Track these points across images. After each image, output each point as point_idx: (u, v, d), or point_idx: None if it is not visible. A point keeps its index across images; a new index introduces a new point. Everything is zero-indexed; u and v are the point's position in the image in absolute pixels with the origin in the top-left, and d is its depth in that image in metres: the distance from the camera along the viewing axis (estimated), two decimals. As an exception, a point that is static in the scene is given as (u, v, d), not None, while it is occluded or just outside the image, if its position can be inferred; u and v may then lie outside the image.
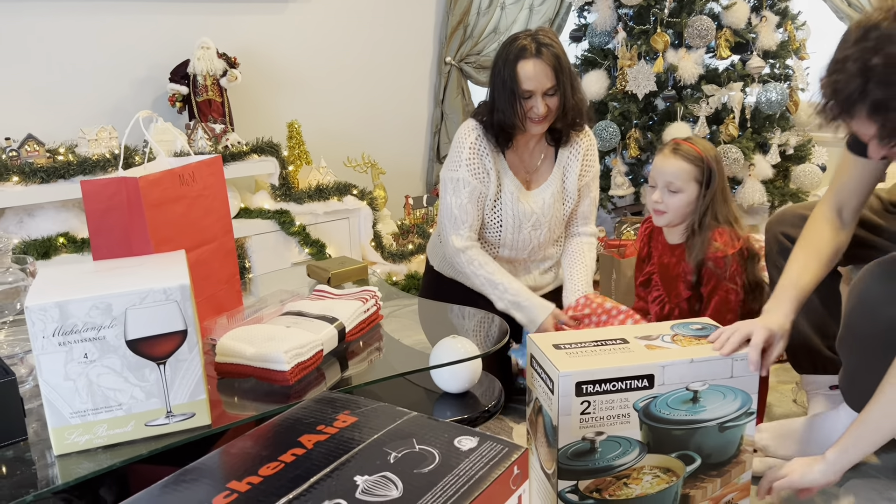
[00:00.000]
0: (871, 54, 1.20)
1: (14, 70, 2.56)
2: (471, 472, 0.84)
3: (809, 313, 1.76)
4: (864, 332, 1.47)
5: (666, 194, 1.80)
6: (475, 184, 1.95)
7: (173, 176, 1.37)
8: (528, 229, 2.02)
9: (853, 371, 1.53)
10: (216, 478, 0.86)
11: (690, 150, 1.80)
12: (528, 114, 1.89)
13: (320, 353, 1.31)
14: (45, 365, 1.01)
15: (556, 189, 2.04)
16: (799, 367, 1.81)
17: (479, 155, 1.95)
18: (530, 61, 1.85)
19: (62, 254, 2.32)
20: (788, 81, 3.08)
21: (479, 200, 1.97)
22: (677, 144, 1.82)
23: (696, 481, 1.38)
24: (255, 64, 3.04)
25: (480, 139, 1.96)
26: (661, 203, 1.81)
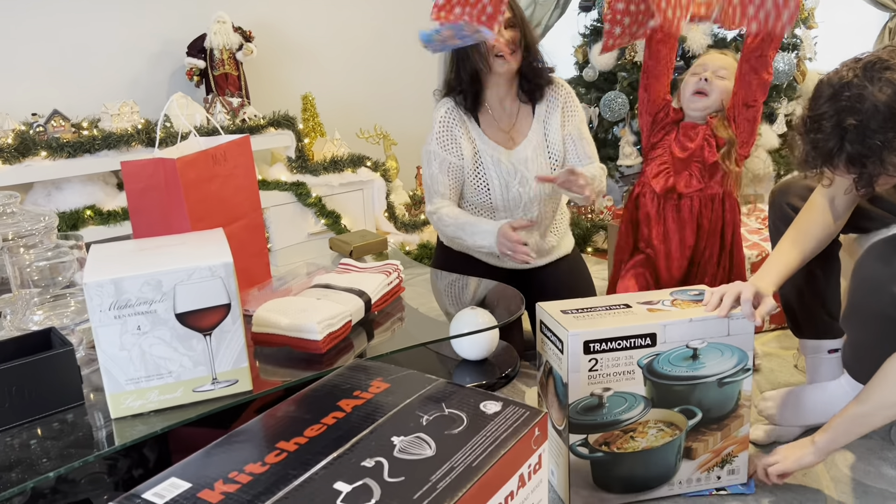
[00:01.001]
0: (845, 114, 1.32)
1: (36, 46, 2.61)
2: (497, 434, 0.93)
3: (809, 280, 1.83)
4: (869, 310, 1.54)
5: (715, 78, 1.95)
6: (444, 155, 2.04)
7: (207, 156, 1.44)
8: (515, 187, 2.07)
9: (858, 346, 1.59)
10: (265, 438, 0.95)
11: (734, 55, 2.03)
12: (493, 50, 1.93)
13: (349, 324, 1.40)
14: (102, 336, 1.10)
15: (537, 143, 2.09)
16: (799, 332, 1.89)
17: (447, 127, 2.05)
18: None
19: (90, 226, 2.41)
20: (796, 51, 3.11)
21: (449, 171, 2.05)
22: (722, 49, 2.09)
23: (698, 434, 1.48)
24: (269, 37, 3.09)
25: (450, 112, 2.06)
26: (709, 84, 1.94)
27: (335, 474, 0.85)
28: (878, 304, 1.50)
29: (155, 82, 2.88)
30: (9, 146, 2.30)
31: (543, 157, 2.10)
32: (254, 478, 0.85)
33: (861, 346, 1.58)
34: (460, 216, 2.02)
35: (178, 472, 0.88)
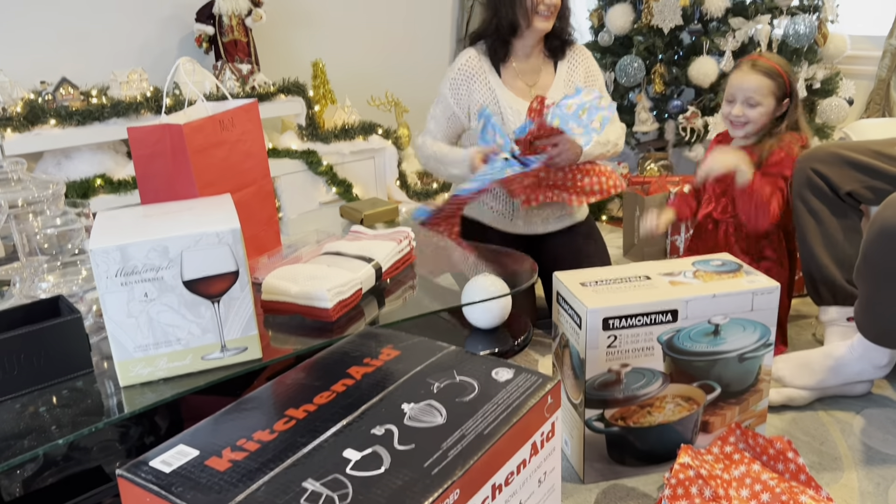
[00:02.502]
0: None
1: (44, 14, 2.58)
2: (508, 401, 0.91)
3: (829, 247, 1.80)
4: (882, 262, 1.50)
5: (746, 108, 1.91)
6: (450, 103, 2.08)
7: (214, 122, 1.42)
8: None
9: (868, 301, 1.58)
10: (275, 406, 0.94)
11: (768, 66, 1.91)
12: (538, 7, 1.98)
13: (359, 292, 1.38)
14: (109, 303, 1.09)
15: (557, 99, 2.07)
16: (818, 299, 1.86)
17: (466, 78, 2.07)
18: None
19: (100, 194, 2.40)
20: (818, 13, 3.02)
21: (449, 120, 2.09)
22: (754, 61, 1.93)
23: (716, 409, 1.45)
24: (278, 3, 3.04)
25: (471, 60, 2.07)
26: (742, 116, 1.92)
27: (344, 442, 0.84)
28: (893, 256, 1.46)
29: (164, 49, 2.85)
30: (17, 114, 2.28)
31: None
32: (262, 445, 0.84)
33: (873, 301, 1.55)
34: (441, 148, 2.07)
35: (185, 440, 0.87)
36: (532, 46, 2.09)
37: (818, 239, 1.81)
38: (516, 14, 2.00)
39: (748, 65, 1.93)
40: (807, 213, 1.82)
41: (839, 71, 3.14)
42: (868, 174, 1.76)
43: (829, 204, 1.80)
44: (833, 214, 1.80)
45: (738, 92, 1.92)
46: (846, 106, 3.05)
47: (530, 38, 2.07)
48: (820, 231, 1.81)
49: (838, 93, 3.09)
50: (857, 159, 1.76)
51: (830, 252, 1.80)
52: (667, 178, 2.82)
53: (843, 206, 1.79)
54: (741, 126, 1.94)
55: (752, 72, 1.92)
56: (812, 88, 3.07)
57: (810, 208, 1.81)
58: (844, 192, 1.77)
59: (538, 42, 2.10)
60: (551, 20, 2.03)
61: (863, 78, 3.16)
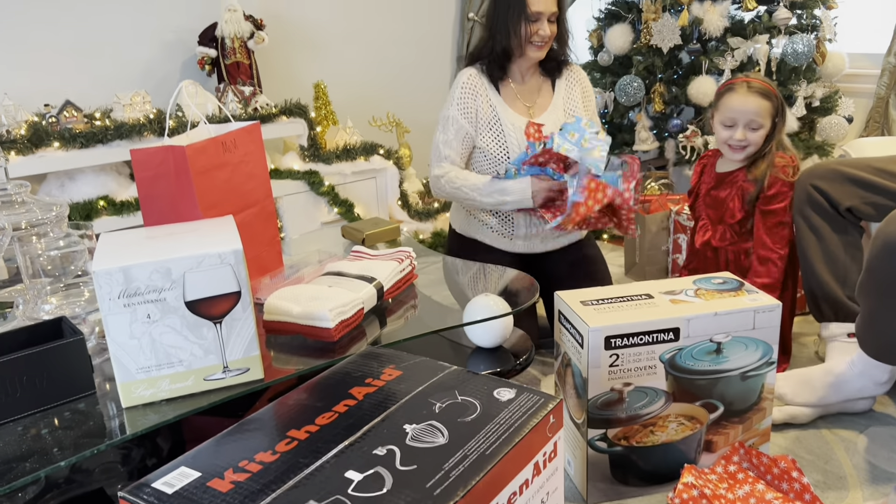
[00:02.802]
0: None
1: (48, 37, 2.61)
2: (511, 421, 0.91)
3: (830, 263, 1.80)
4: (885, 277, 1.50)
5: (748, 132, 1.90)
6: (462, 122, 2.07)
7: (217, 143, 1.43)
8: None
9: (870, 316, 1.57)
10: (277, 427, 0.94)
11: (764, 87, 1.90)
12: (531, 38, 2.02)
13: (361, 311, 1.38)
14: (112, 325, 1.09)
15: (558, 116, 2.14)
16: (819, 315, 1.86)
17: (471, 94, 2.08)
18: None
19: (103, 216, 2.41)
20: (816, 32, 3.05)
21: (464, 139, 2.09)
22: (748, 83, 1.91)
23: (719, 428, 1.45)
24: (280, 26, 3.07)
25: (472, 78, 2.09)
26: (745, 140, 1.90)
27: (346, 463, 0.84)
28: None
29: (167, 72, 2.87)
30: (22, 137, 2.29)
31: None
32: (264, 466, 0.84)
33: (875, 316, 1.55)
34: (472, 176, 2.06)
35: (188, 461, 0.87)
36: (528, 69, 2.13)
37: (819, 255, 1.82)
38: (510, 43, 2.03)
39: (744, 87, 1.90)
40: (807, 230, 1.83)
41: (838, 89, 3.16)
42: (868, 190, 1.77)
43: (829, 220, 1.81)
44: (834, 231, 1.80)
45: (740, 116, 1.90)
46: (845, 124, 3.06)
47: (525, 63, 2.10)
48: (821, 247, 1.81)
49: (837, 111, 3.11)
50: (858, 175, 1.77)
51: (831, 268, 1.80)
52: (667, 197, 2.82)
53: (843, 222, 1.80)
54: (742, 150, 1.93)
55: (752, 95, 1.89)
56: (811, 107, 3.08)
57: (811, 225, 1.82)
58: (844, 208, 1.77)
59: (534, 64, 2.13)
60: (545, 49, 2.07)
61: (862, 96, 3.18)
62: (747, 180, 1.95)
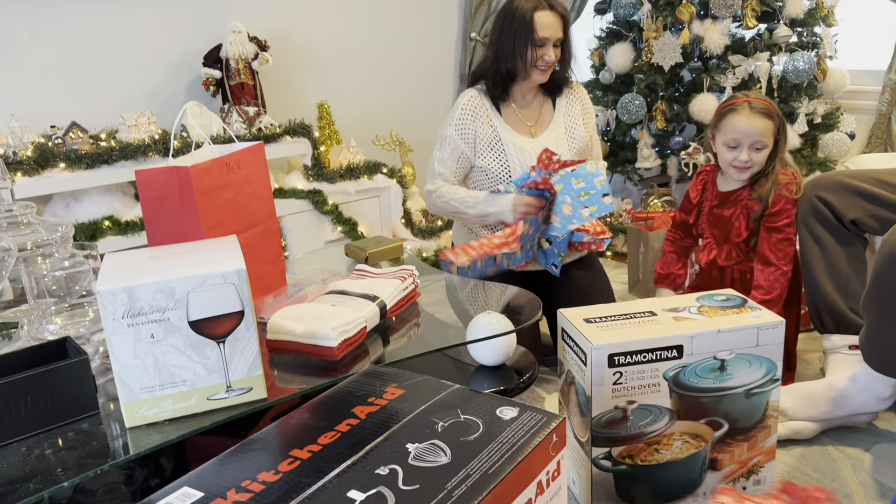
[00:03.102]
0: None
1: (54, 59, 2.64)
2: (513, 440, 0.91)
3: (833, 275, 1.80)
4: (891, 287, 1.50)
5: (753, 152, 1.89)
6: (458, 142, 2.11)
7: (221, 164, 1.44)
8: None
9: (875, 329, 1.56)
10: (279, 446, 0.94)
11: (765, 107, 1.89)
12: (537, 62, 2.06)
13: (364, 330, 1.39)
14: (115, 345, 1.09)
15: (559, 134, 2.19)
16: (821, 327, 1.86)
17: (471, 116, 2.11)
18: (546, 12, 2.05)
19: (108, 236, 2.43)
20: (816, 49, 3.07)
21: (459, 159, 2.13)
22: (750, 103, 1.90)
23: (724, 446, 1.44)
24: (284, 46, 3.10)
25: (473, 100, 2.12)
26: (750, 161, 1.89)
27: (349, 482, 0.83)
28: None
29: (172, 93, 2.90)
30: (28, 158, 2.32)
31: (564, 147, 2.18)
32: (266, 486, 0.84)
33: (879, 328, 1.54)
34: (460, 191, 2.11)
35: (190, 482, 0.87)
36: (529, 89, 2.16)
37: (822, 267, 1.82)
38: (516, 66, 2.06)
39: (747, 108, 1.88)
40: (811, 241, 1.83)
41: (840, 106, 3.17)
42: (873, 202, 1.77)
43: (833, 232, 1.81)
44: (837, 242, 1.81)
45: (745, 137, 1.88)
46: (847, 140, 3.07)
47: (527, 85, 2.14)
48: (824, 259, 1.81)
49: (839, 127, 3.12)
50: (862, 187, 1.78)
51: (834, 280, 1.80)
52: (670, 214, 2.83)
53: (847, 234, 1.80)
54: (747, 170, 1.92)
55: (755, 115, 1.87)
56: (813, 123, 3.09)
57: (815, 236, 1.82)
58: (849, 220, 1.78)
59: (535, 85, 2.17)
60: (549, 73, 2.11)
61: (863, 112, 3.19)
62: (751, 199, 1.95)
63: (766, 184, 1.91)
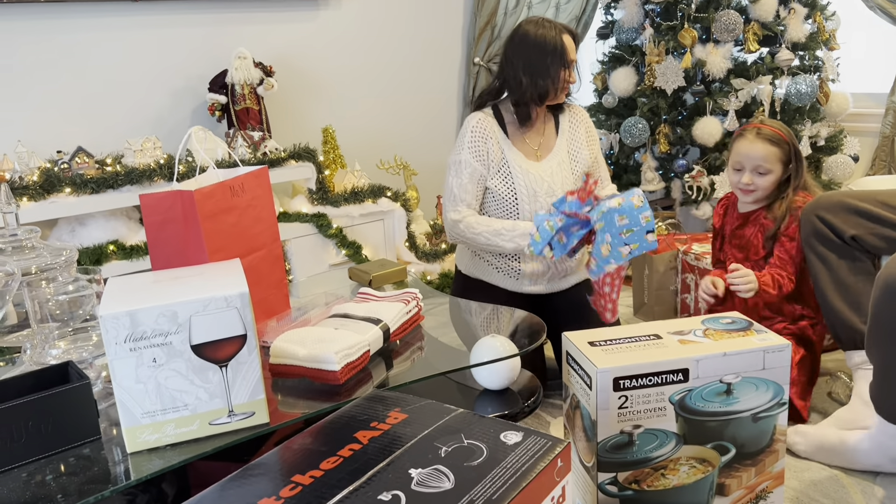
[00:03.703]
0: None
1: (60, 84, 2.67)
2: (517, 465, 0.90)
3: (842, 290, 1.80)
4: (892, 321, 1.47)
5: (755, 176, 1.95)
6: (475, 165, 2.11)
7: (225, 188, 1.44)
8: (542, 197, 2.13)
9: (883, 370, 1.51)
10: (281, 472, 0.93)
11: (774, 134, 1.95)
12: (565, 84, 2.14)
13: (367, 353, 1.38)
14: (117, 369, 1.09)
15: (563, 157, 2.20)
16: (841, 344, 1.85)
17: (482, 137, 2.13)
18: (567, 35, 2.15)
19: (113, 261, 2.43)
20: (818, 73, 3.08)
21: (478, 182, 2.13)
22: (759, 129, 1.96)
23: (731, 471, 1.42)
24: (289, 72, 3.12)
25: (482, 122, 2.15)
26: (752, 184, 1.96)
27: (351, 509, 0.82)
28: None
29: (177, 118, 2.92)
30: (34, 183, 2.33)
31: (567, 170, 2.20)
32: (268, 513, 0.83)
33: (889, 369, 1.50)
34: (493, 222, 2.10)
35: (191, 508, 0.86)
36: (542, 111, 2.19)
37: (830, 284, 1.82)
38: (548, 88, 2.10)
39: (753, 133, 1.97)
40: (817, 260, 1.83)
41: (843, 128, 3.17)
42: (874, 221, 1.77)
43: (835, 249, 1.81)
44: (840, 258, 1.81)
45: (746, 161, 1.96)
46: (851, 163, 3.07)
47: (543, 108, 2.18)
48: (830, 276, 1.81)
49: (843, 150, 3.12)
50: (863, 207, 1.77)
51: (843, 296, 1.80)
52: (675, 237, 2.82)
53: (849, 249, 1.79)
54: (750, 193, 1.99)
55: (759, 140, 1.95)
56: (816, 146, 3.10)
57: (818, 254, 1.82)
58: (849, 237, 1.77)
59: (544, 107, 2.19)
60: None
61: (867, 135, 3.20)
62: (767, 218, 2.01)
63: (782, 207, 1.97)
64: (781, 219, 1.97)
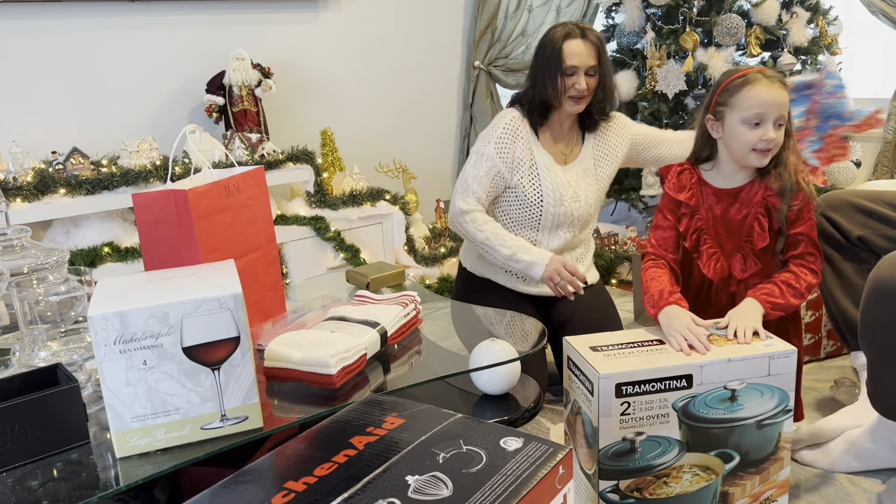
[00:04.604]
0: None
1: (56, 85, 2.64)
2: (518, 472, 0.87)
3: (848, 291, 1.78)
4: (881, 322, 1.46)
5: (776, 129, 1.53)
6: (497, 161, 2.04)
7: (220, 187, 1.42)
8: (568, 201, 2.08)
9: (876, 369, 1.52)
10: (273, 478, 0.90)
11: (779, 76, 1.56)
12: (568, 91, 2.00)
13: (364, 357, 1.35)
14: (107, 372, 1.06)
15: (586, 167, 2.13)
16: (847, 345, 1.83)
17: (511, 136, 2.05)
18: (577, 40, 1.99)
19: (107, 262, 2.40)
20: (820, 77, 3.06)
21: (495, 178, 2.05)
22: (768, 74, 1.55)
23: (735, 479, 1.39)
24: (287, 73, 3.10)
25: (516, 121, 2.07)
26: (777, 139, 1.53)
27: (345, 517, 0.79)
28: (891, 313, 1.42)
29: (174, 120, 2.90)
30: (28, 184, 2.30)
31: (591, 179, 2.14)
32: (259, 521, 0.80)
33: (880, 368, 1.50)
34: (499, 228, 2.04)
35: (179, 515, 0.83)
36: (566, 118, 2.11)
37: (836, 284, 1.80)
38: (548, 94, 2.02)
39: (769, 78, 1.54)
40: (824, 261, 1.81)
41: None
42: (881, 222, 1.75)
43: (841, 250, 1.79)
44: (847, 259, 1.78)
45: (771, 110, 1.52)
46: (854, 168, 3.05)
47: (564, 114, 2.08)
48: (836, 276, 1.79)
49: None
50: (869, 207, 1.75)
51: (850, 296, 1.78)
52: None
53: (855, 250, 1.77)
54: (768, 153, 1.55)
55: (776, 85, 1.54)
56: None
57: (825, 255, 1.79)
58: (855, 237, 1.75)
59: (572, 115, 2.11)
60: (583, 102, 2.04)
61: (869, 140, 3.18)
62: (770, 193, 1.58)
63: (788, 168, 1.57)
64: (791, 186, 1.56)
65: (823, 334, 2.24)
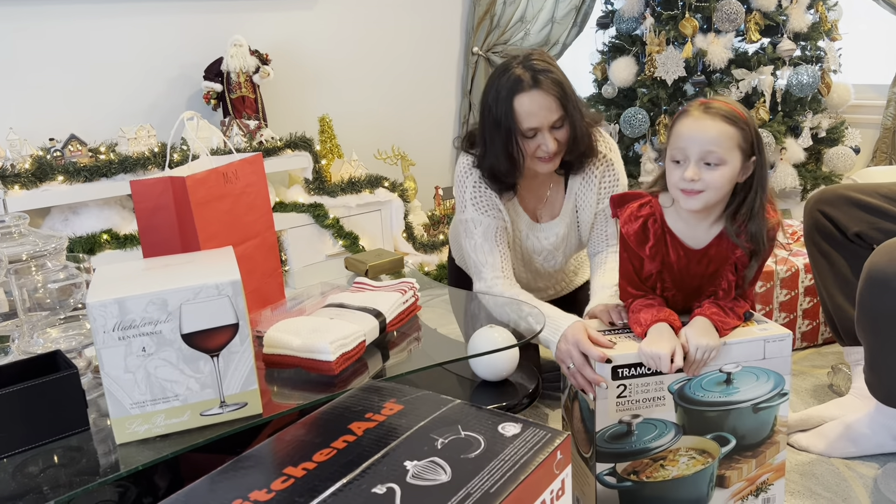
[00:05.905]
0: None
1: (53, 71, 2.63)
2: (516, 458, 0.87)
3: (844, 287, 1.78)
4: (877, 311, 1.47)
5: (703, 169, 1.31)
6: (486, 220, 1.72)
7: (218, 174, 1.42)
8: (539, 262, 1.86)
9: (872, 357, 1.53)
10: (272, 464, 0.90)
11: (728, 110, 1.32)
12: (535, 154, 1.63)
13: (363, 344, 1.36)
14: (106, 358, 1.06)
15: (570, 221, 1.81)
16: (841, 340, 1.83)
17: (484, 193, 1.73)
18: (528, 94, 1.57)
19: (106, 250, 2.40)
20: (820, 63, 3.05)
21: (495, 235, 1.73)
22: (706, 104, 1.34)
23: (732, 462, 1.40)
24: (286, 60, 3.09)
25: (483, 178, 1.72)
26: (699, 181, 1.31)
27: (344, 502, 0.80)
28: (890, 301, 1.43)
29: (172, 106, 2.88)
30: (26, 171, 2.30)
31: (574, 234, 1.84)
32: (258, 506, 0.80)
33: (877, 356, 1.51)
34: (521, 294, 1.68)
35: (180, 500, 0.84)
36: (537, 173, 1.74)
37: (832, 280, 1.80)
38: (507, 166, 1.64)
39: (700, 109, 1.33)
40: (819, 256, 1.81)
41: (844, 120, 3.15)
42: (876, 215, 1.75)
43: (837, 246, 1.79)
44: (843, 255, 1.78)
45: (692, 146, 1.31)
46: (852, 154, 3.04)
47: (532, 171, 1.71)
48: (832, 272, 1.79)
49: (844, 141, 3.09)
50: (865, 201, 1.75)
51: (844, 291, 1.78)
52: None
53: (852, 246, 1.77)
54: (695, 195, 1.33)
55: (708, 117, 1.31)
56: (818, 137, 3.07)
57: (821, 251, 1.80)
58: (852, 233, 1.75)
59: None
60: (556, 160, 1.66)
61: (868, 126, 3.17)
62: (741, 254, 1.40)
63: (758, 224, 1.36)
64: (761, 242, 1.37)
65: (821, 320, 2.24)
